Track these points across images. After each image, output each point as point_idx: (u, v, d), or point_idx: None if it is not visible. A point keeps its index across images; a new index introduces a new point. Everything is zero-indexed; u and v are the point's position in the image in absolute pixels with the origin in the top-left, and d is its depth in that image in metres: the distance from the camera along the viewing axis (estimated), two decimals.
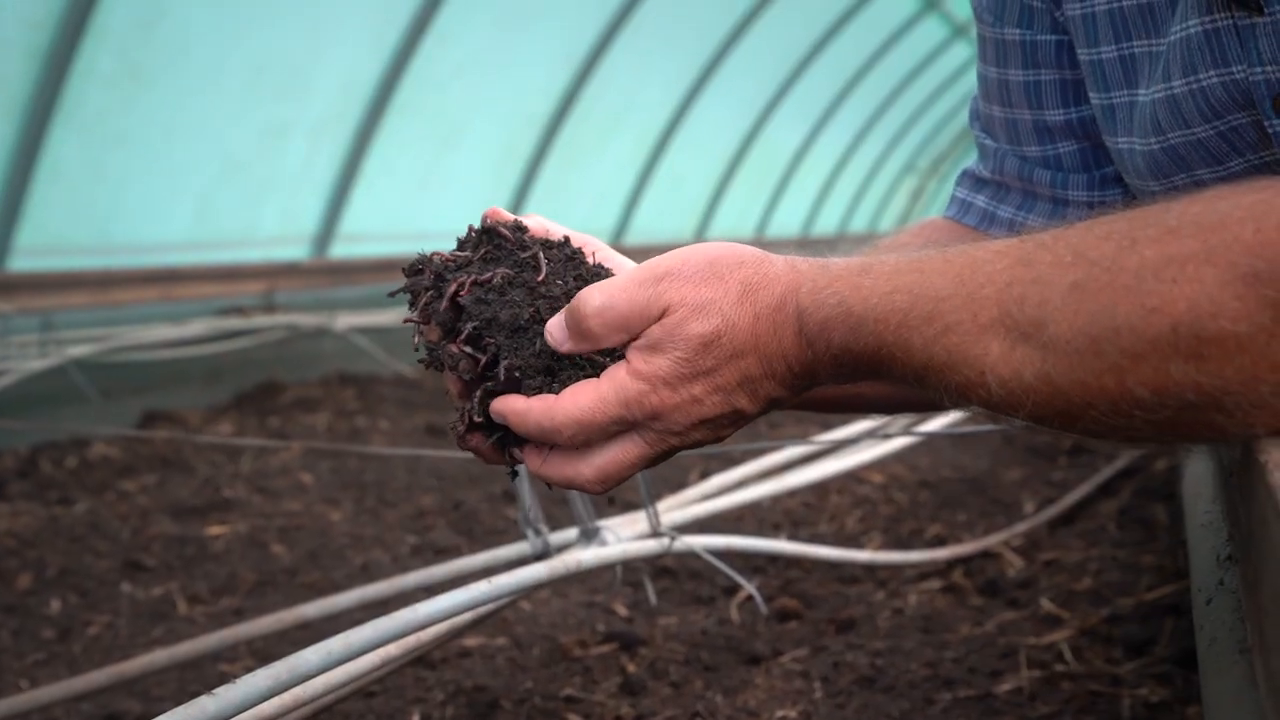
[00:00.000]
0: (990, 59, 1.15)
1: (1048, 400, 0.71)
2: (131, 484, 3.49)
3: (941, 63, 11.96)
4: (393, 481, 3.48)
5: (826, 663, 1.95)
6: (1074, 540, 2.59)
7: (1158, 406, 0.68)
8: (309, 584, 2.55)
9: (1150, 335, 0.67)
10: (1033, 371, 0.71)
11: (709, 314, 0.81)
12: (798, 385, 0.84)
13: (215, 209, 5.23)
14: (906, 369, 0.77)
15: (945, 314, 0.74)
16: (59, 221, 4.41)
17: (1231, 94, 0.88)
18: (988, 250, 0.76)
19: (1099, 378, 0.69)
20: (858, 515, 2.91)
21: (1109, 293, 0.68)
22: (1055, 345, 0.70)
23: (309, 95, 5.33)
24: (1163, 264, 0.67)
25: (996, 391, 0.73)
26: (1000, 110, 1.16)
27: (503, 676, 1.97)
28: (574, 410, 0.83)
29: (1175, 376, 0.67)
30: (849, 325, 0.78)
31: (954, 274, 0.75)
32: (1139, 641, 1.95)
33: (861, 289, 0.78)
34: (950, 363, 0.74)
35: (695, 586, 2.41)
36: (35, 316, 4.26)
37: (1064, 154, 1.13)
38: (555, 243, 0.93)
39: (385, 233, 6.25)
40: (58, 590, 2.53)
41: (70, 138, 4.23)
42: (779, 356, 0.82)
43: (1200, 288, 0.65)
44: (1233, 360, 0.65)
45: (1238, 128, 0.89)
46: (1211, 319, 0.65)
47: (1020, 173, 1.16)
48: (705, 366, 0.81)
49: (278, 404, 4.90)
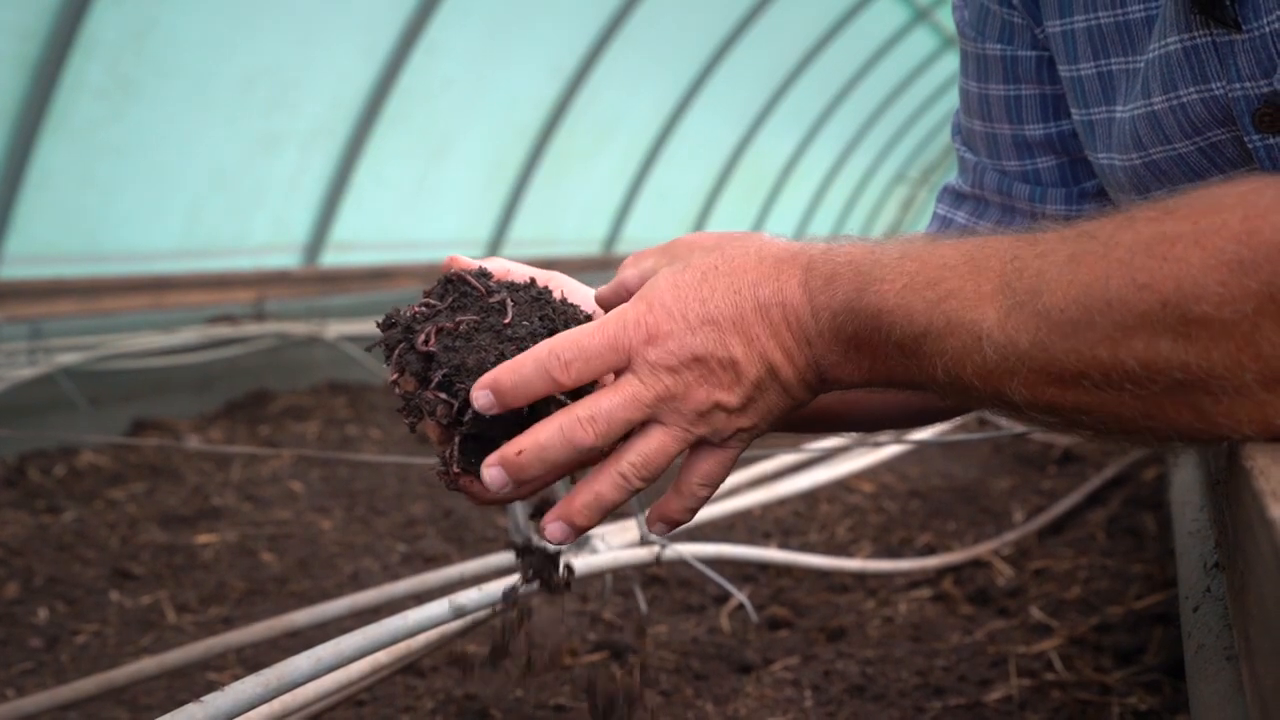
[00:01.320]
0: (972, 74, 1.16)
1: (1042, 368, 0.72)
2: (120, 492, 3.48)
3: (932, 73, 12.00)
4: (383, 490, 3.48)
5: (817, 671, 1.95)
6: (1063, 549, 2.60)
7: (1148, 381, 0.69)
8: (298, 592, 2.54)
9: (1141, 310, 0.67)
10: (1028, 339, 0.72)
11: (709, 254, 0.83)
12: (791, 343, 0.81)
13: (205, 218, 5.23)
14: (905, 334, 0.76)
15: (949, 280, 0.75)
16: (48, 230, 4.40)
17: (1211, 110, 0.88)
18: (1000, 234, 0.77)
19: (1093, 348, 0.70)
20: (848, 524, 2.91)
21: (1103, 265, 0.69)
22: (1050, 314, 0.71)
23: (299, 106, 5.34)
24: (1155, 241, 0.68)
25: (991, 357, 0.73)
26: (981, 125, 1.17)
27: (492, 685, 1.97)
28: (572, 334, 0.82)
29: (1164, 353, 0.67)
30: (856, 284, 0.78)
31: (965, 249, 0.76)
32: (1128, 650, 1.95)
33: (874, 253, 0.79)
34: (948, 328, 0.75)
35: (685, 595, 2.41)
36: (24, 325, 4.25)
37: (1043, 169, 1.14)
38: (521, 285, 0.94)
39: (376, 242, 6.25)
40: (45, 599, 2.52)
41: (60, 147, 4.22)
42: (776, 303, 0.81)
43: (1186, 268, 0.66)
44: (1219, 344, 0.66)
45: (1218, 144, 0.90)
46: (1196, 302, 0.66)
47: (1000, 187, 1.17)
48: (703, 293, 0.81)
49: (268, 412, 4.89)
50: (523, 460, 0.82)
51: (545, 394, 0.82)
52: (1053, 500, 2.99)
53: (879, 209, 15.42)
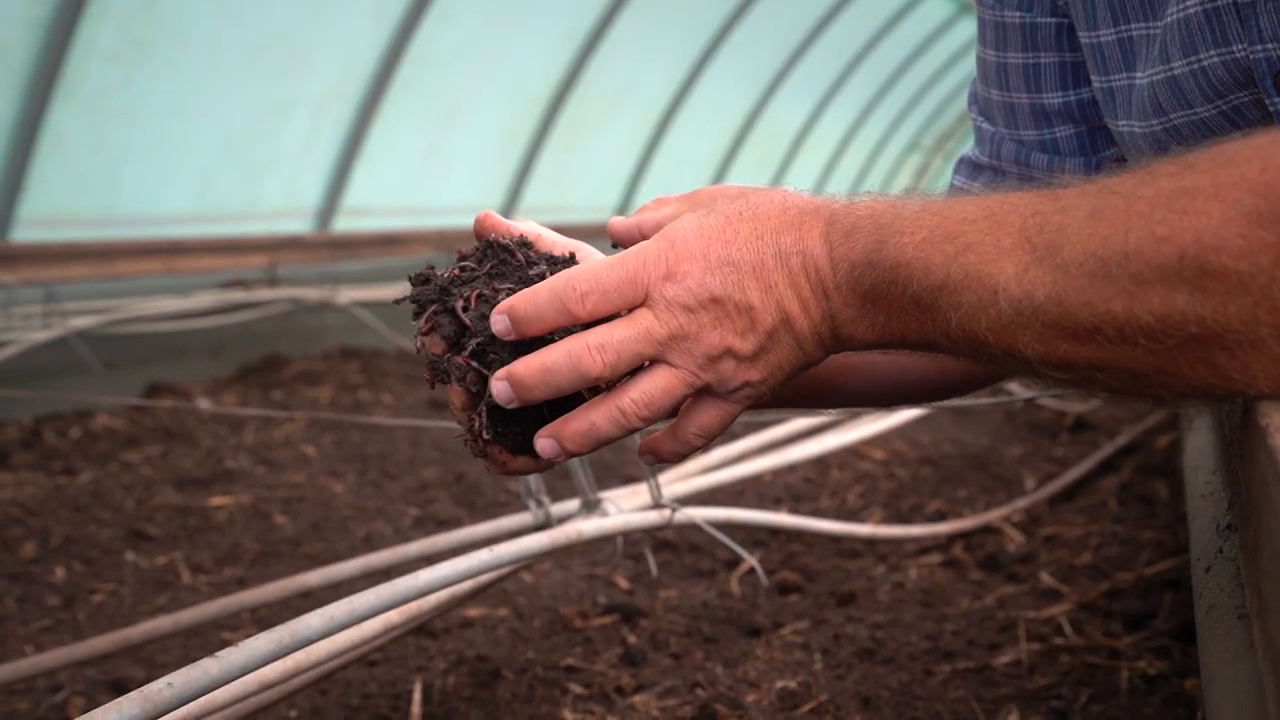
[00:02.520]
0: (989, 42, 1.15)
1: (1056, 321, 0.71)
2: (135, 455, 3.50)
3: (947, 39, 11.89)
4: (395, 454, 3.49)
5: (827, 635, 1.96)
6: (1074, 516, 2.60)
7: (1162, 335, 0.68)
8: (311, 554, 2.56)
9: (1158, 262, 0.67)
10: (1044, 292, 0.71)
11: (734, 202, 0.82)
12: (809, 294, 0.81)
13: (218, 182, 5.22)
14: (921, 287, 0.76)
15: (968, 234, 0.75)
16: (61, 193, 4.41)
17: (1232, 73, 0.88)
18: (1020, 190, 0.77)
19: (1108, 301, 0.69)
20: (859, 490, 2.92)
21: (1123, 219, 0.69)
22: (1068, 267, 0.70)
23: (311, 71, 5.32)
24: (1176, 194, 0.67)
25: (1006, 310, 0.73)
26: (999, 94, 1.16)
27: (504, 646, 1.98)
28: (591, 266, 0.82)
29: (1180, 306, 0.67)
30: (876, 236, 0.78)
31: (985, 205, 0.76)
32: (1138, 615, 1.96)
33: (895, 207, 0.79)
34: (965, 281, 0.74)
35: (696, 560, 2.42)
36: (38, 288, 4.26)
37: (1061, 138, 1.13)
38: (561, 258, 0.93)
39: (388, 207, 6.24)
40: (62, 559, 2.54)
41: (72, 110, 4.22)
42: (796, 251, 0.80)
43: (1207, 220, 0.66)
44: (1235, 297, 0.65)
45: (1240, 107, 0.89)
46: (1215, 253, 0.65)
47: (1017, 156, 1.16)
48: (726, 235, 0.80)
49: (281, 377, 4.90)
50: (526, 379, 0.81)
51: (560, 325, 0.81)
52: (1064, 468, 2.99)
53: (893, 177, 15.34)
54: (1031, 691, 1.71)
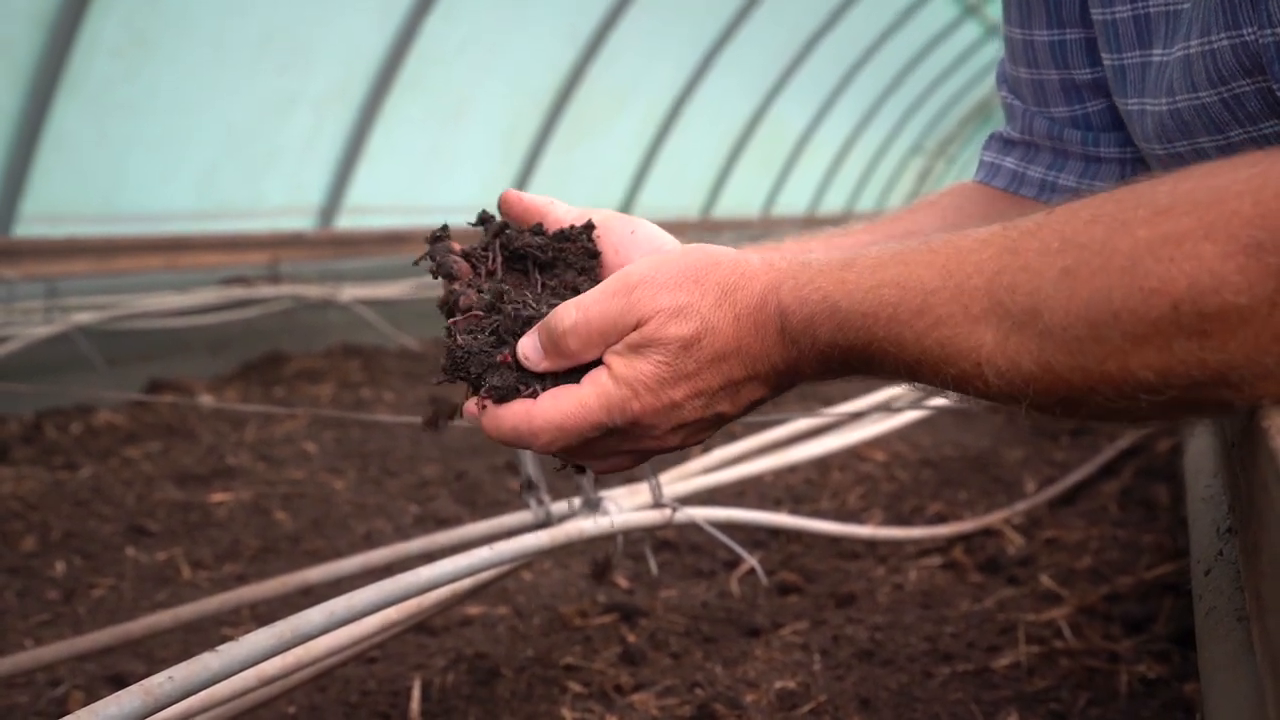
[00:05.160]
0: (1015, 20, 1.14)
1: (1049, 388, 0.71)
2: (136, 450, 3.50)
3: (951, 43, 11.91)
4: (396, 451, 3.49)
5: (826, 636, 1.96)
6: (1075, 519, 2.60)
7: (1163, 387, 0.67)
8: (312, 551, 2.56)
9: (1152, 317, 0.66)
10: (1031, 360, 0.70)
11: (687, 316, 0.80)
12: (781, 384, 0.84)
13: (221, 179, 5.23)
14: (899, 363, 0.76)
15: (936, 307, 0.73)
16: (64, 189, 4.41)
17: (1240, 58, 0.87)
18: (972, 239, 0.75)
19: (1101, 363, 0.68)
20: (859, 492, 2.92)
21: (1103, 276, 0.67)
22: (1052, 333, 0.69)
23: (315, 68, 5.32)
24: (1159, 243, 0.66)
25: (995, 382, 0.72)
26: (1027, 72, 1.15)
27: (503, 644, 1.99)
28: (555, 416, 0.83)
29: (1180, 356, 0.66)
30: (836, 321, 0.77)
31: (940, 265, 0.74)
32: (1137, 619, 1.96)
33: (846, 283, 0.77)
34: (945, 356, 0.74)
35: (696, 559, 2.42)
36: (40, 283, 4.27)
37: (1093, 112, 1.12)
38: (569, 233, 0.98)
39: (391, 205, 6.24)
40: (62, 553, 2.54)
41: (75, 106, 4.23)
42: (763, 357, 0.81)
43: (1200, 263, 0.64)
44: (1237, 334, 0.65)
45: (1241, 95, 0.88)
46: (1214, 293, 0.64)
47: (1050, 132, 1.16)
48: (687, 370, 0.81)
49: (282, 374, 4.91)
50: (484, 423, 0.87)
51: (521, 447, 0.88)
52: (1065, 471, 2.99)
53: (895, 180, 15.34)
54: (1030, 694, 1.71)
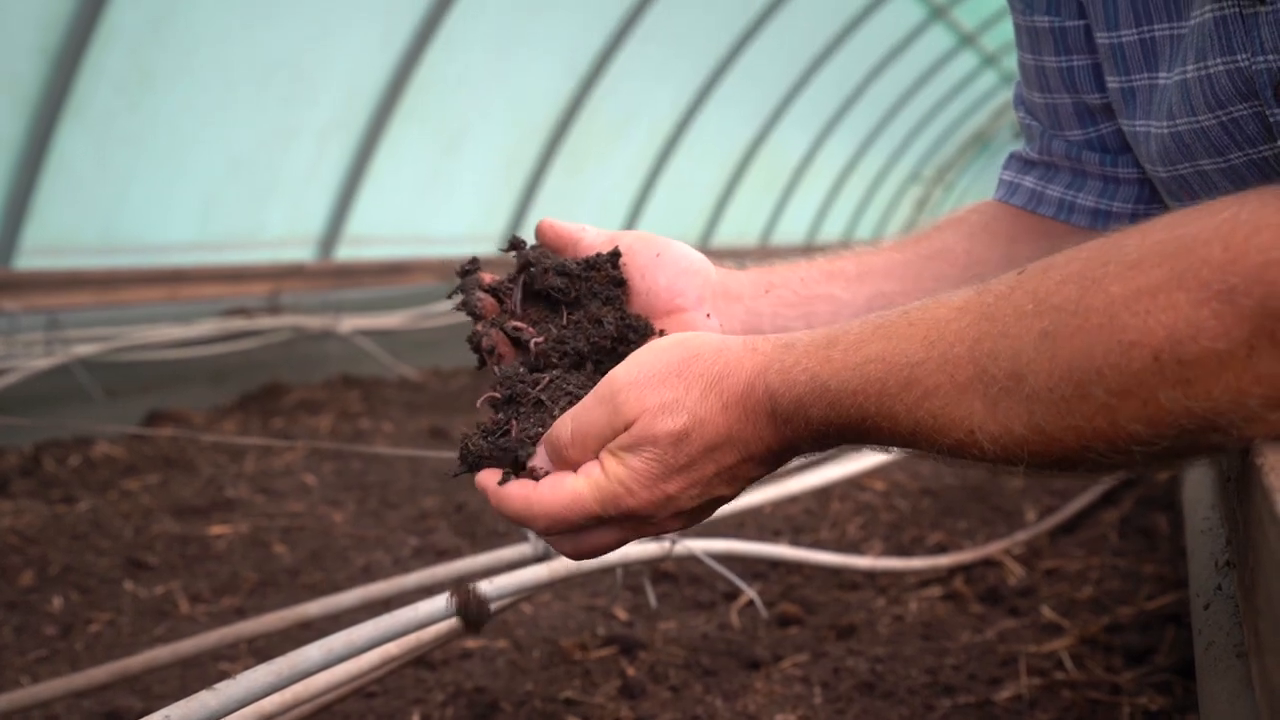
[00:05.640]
0: (1026, 46, 1.15)
1: (1044, 449, 0.72)
2: (134, 483, 3.50)
3: (947, 72, 11.98)
4: (395, 483, 3.49)
5: (827, 668, 1.95)
6: (1075, 549, 2.59)
7: (1154, 438, 0.68)
8: (311, 585, 2.55)
9: (1134, 370, 0.67)
10: (1022, 424, 0.71)
11: (675, 412, 0.81)
12: (778, 461, 0.86)
13: (221, 210, 5.25)
14: (894, 435, 0.77)
15: (923, 378, 0.75)
16: (65, 221, 4.43)
17: (1235, 83, 0.88)
18: (948, 308, 0.76)
19: (1090, 420, 0.69)
20: (859, 522, 2.91)
21: (1082, 335, 0.68)
22: (1039, 395, 0.70)
23: (316, 98, 5.35)
24: (1133, 298, 0.67)
25: (989, 448, 0.73)
26: (1040, 96, 1.16)
27: (503, 678, 1.98)
28: (552, 506, 0.85)
29: (1166, 406, 0.67)
30: (826, 400, 0.79)
31: (921, 337, 0.76)
32: (1139, 650, 1.95)
33: (832, 361, 0.79)
34: (937, 426, 0.75)
35: (695, 591, 2.41)
36: (41, 315, 4.27)
37: (1107, 134, 1.13)
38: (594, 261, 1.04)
39: (391, 235, 6.26)
40: (60, 588, 2.54)
41: (78, 137, 4.25)
42: (756, 440, 0.83)
43: (1176, 313, 0.65)
44: (1219, 379, 0.65)
45: (1239, 119, 0.89)
46: (1192, 341, 0.65)
47: (1068, 153, 1.17)
48: (680, 463, 0.82)
49: (282, 405, 4.91)
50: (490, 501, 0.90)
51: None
52: (1065, 500, 2.98)
53: (893, 208, 15.39)
54: None
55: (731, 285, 1.09)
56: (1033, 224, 1.19)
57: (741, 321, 1.08)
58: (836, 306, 1.10)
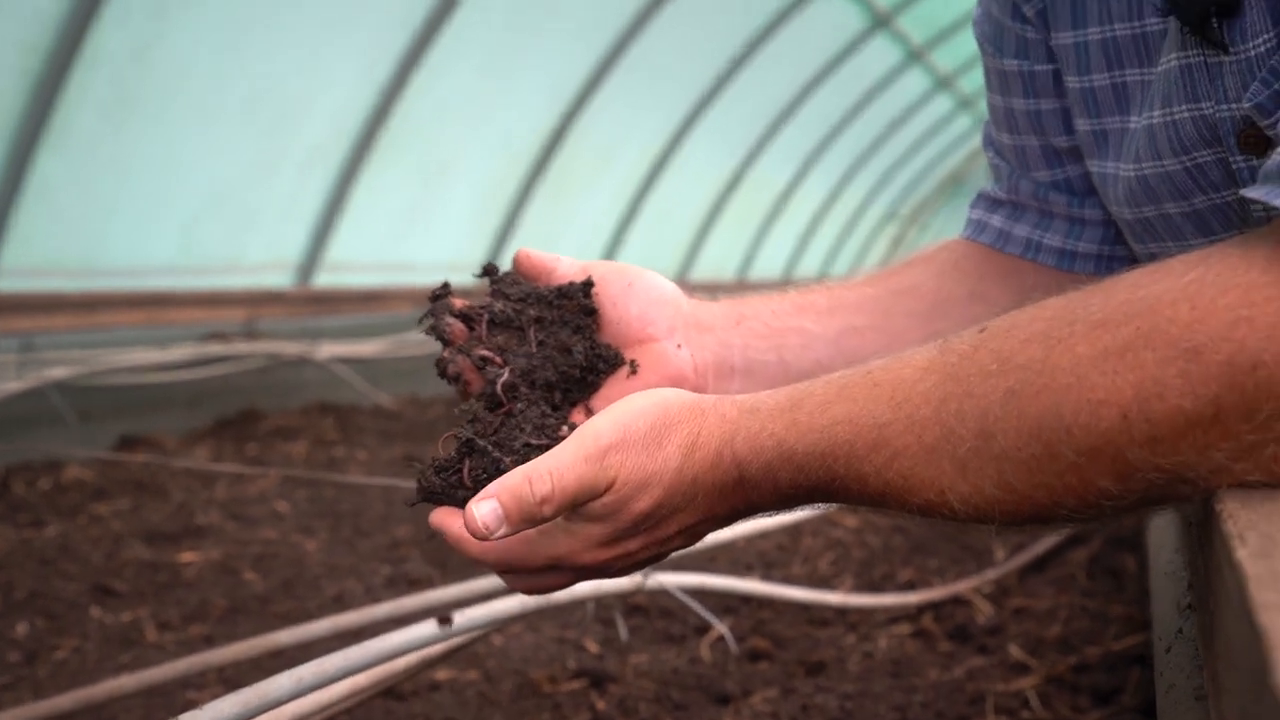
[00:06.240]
0: (995, 88, 1.17)
1: (1015, 508, 0.73)
2: (104, 507, 3.46)
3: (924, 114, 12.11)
4: (368, 511, 3.47)
5: (796, 704, 1.95)
6: (1044, 588, 2.60)
7: (1124, 494, 0.69)
8: (281, 613, 2.53)
9: (1102, 428, 0.68)
10: (992, 483, 0.72)
11: (650, 490, 0.83)
12: (739, 519, 0.87)
13: (202, 235, 5.24)
14: (863, 496, 0.78)
15: (891, 439, 0.75)
16: (45, 243, 4.41)
17: (1200, 129, 0.89)
18: (912, 368, 0.77)
19: (1061, 477, 0.70)
20: (830, 558, 2.91)
21: (1049, 394, 0.69)
22: (1008, 455, 0.71)
23: (299, 127, 5.37)
24: (1100, 357, 0.68)
25: (960, 508, 0.74)
26: (1009, 137, 1.18)
27: (472, 710, 1.96)
28: (508, 554, 0.87)
29: (1134, 463, 0.68)
30: (794, 464, 0.80)
31: (887, 397, 0.76)
32: (1105, 690, 1.96)
33: (798, 425, 0.80)
34: (907, 487, 0.76)
35: (667, 624, 2.41)
36: (14, 338, 4.24)
37: (1074, 177, 1.14)
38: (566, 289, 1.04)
39: (370, 263, 6.26)
40: (25, 613, 2.51)
41: (59, 160, 4.24)
42: (721, 505, 0.85)
43: (1143, 372, 0.67)
44: (1185, 436, 0.66)
45: (1203, 165, 0.90)
46: (1159, 399, 0.66)
47: (1035, 194, 1.18)
48: (644, 527, 0.85)
49: (257, 431, 4.88)
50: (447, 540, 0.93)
51: None
52: (1034, 539, 3.00)
53: (869, 245, 15.51)
54: None
55: (703, 316, 1.09)
56: (1000, 262, 1.20)
57: (713, 352, 1.08)
58: (807, 339, 1.10)
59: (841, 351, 1.09)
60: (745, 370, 1.08)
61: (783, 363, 1.09)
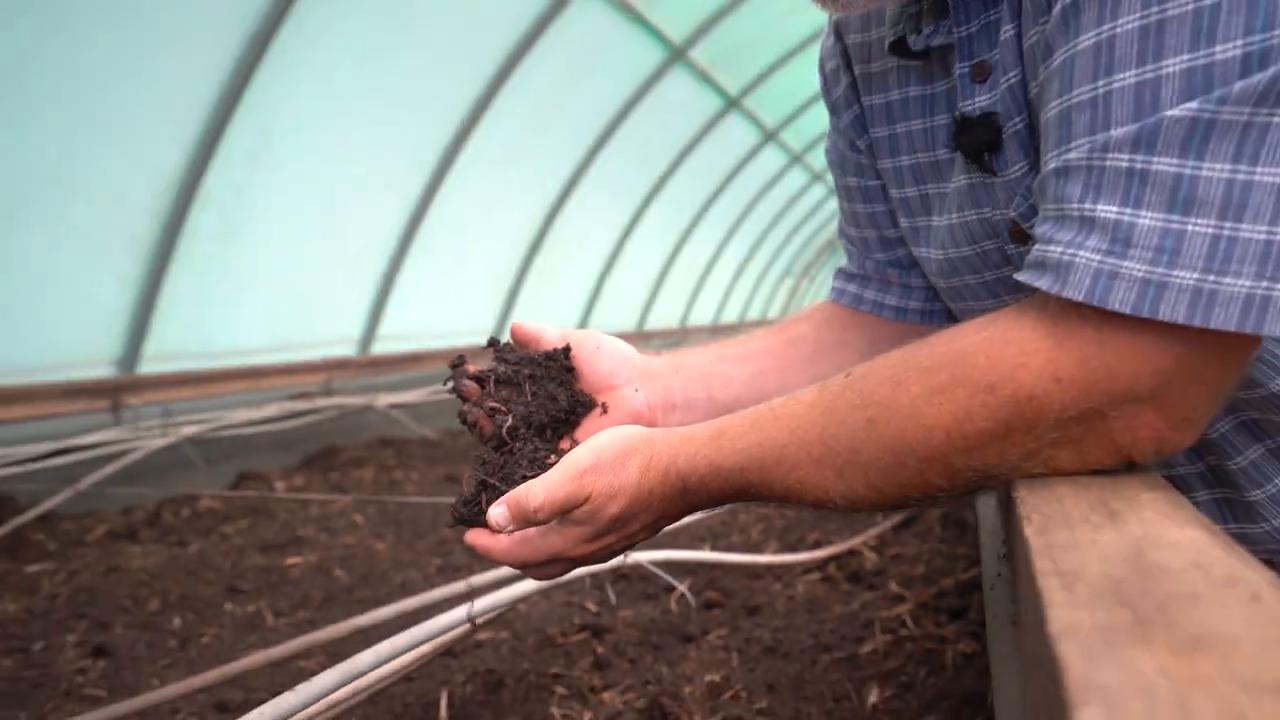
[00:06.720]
0: (842, 196, 1.17)
1: (880, 500, 0.76)
2: (230, 528, 3.42)
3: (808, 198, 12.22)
4: (422, 519, 3.45)
5: (741, 638, 1.96)
6: (911, 539, 2.63)
7: (952, 487, 0.73)
8: (362, 599, 2.51)
9: (934, 444, 0.71)
10: (863, 484, 0.75)
11: (618, 498, 0.83)
12: (683, 516, 0.89)
13: (283, 320, 5.20)
14: (771, 496, 0.81)
15: (789, 457, 0.78)
16: (174, 336, 4.37)
17: (984, 227, 0.91)
18: (803, 404, 0.79)
19: (908, 478, 0.73)
20: (760, 529, 2.93)
21: (897, 421, 0.72)
22: (871, 465, 0.74)
23: (353, 235, 5.35)
24: (929, 394, 0.71)
25: (841, 503, 0.77)
26: (855, 230, 1.18)
27: (507, 661, 1.96)
28: (520, 556, 0.87)
29: (957, 466, 0.71)
30: (721, 477, 0.82)
31: (785, 426, 0.79)
32: (958, 610, 1.98)
33: (723, 449, 0.82)
34: (803, 490, 0.78)
35: (644, 587, 2.41)
36: (157, 406, 4.20)
37: (902, 256, 1.15)
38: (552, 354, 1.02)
39: (415, 332, 6.23)
40: (178, 611, 2.48)
41: (183, 277, 4.22)
42: (671, 507, 0.86)
43: (957, 404, 0.69)
44: (989, 448, 0.70)
45: (988, 251, 0.93)
46: (970, 422, 0.69)
47: (876, 269, 1.18)
48: (616, 528, 0.86)
49: (335, 463, 4.83)
50: (467, 542, 0.91)
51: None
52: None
53: (774, 294, 15.58)
54: (887, 672, 1.72)
55: (652, 367, 1.09)
56: (857, 318, 1.21)
57: (660, 394, 1.07)
58: (728, 380, 1.10)
59: (754, 389, 1.09)
60: (684, 406, 1.07)
61: (711, 399, 1.08)
